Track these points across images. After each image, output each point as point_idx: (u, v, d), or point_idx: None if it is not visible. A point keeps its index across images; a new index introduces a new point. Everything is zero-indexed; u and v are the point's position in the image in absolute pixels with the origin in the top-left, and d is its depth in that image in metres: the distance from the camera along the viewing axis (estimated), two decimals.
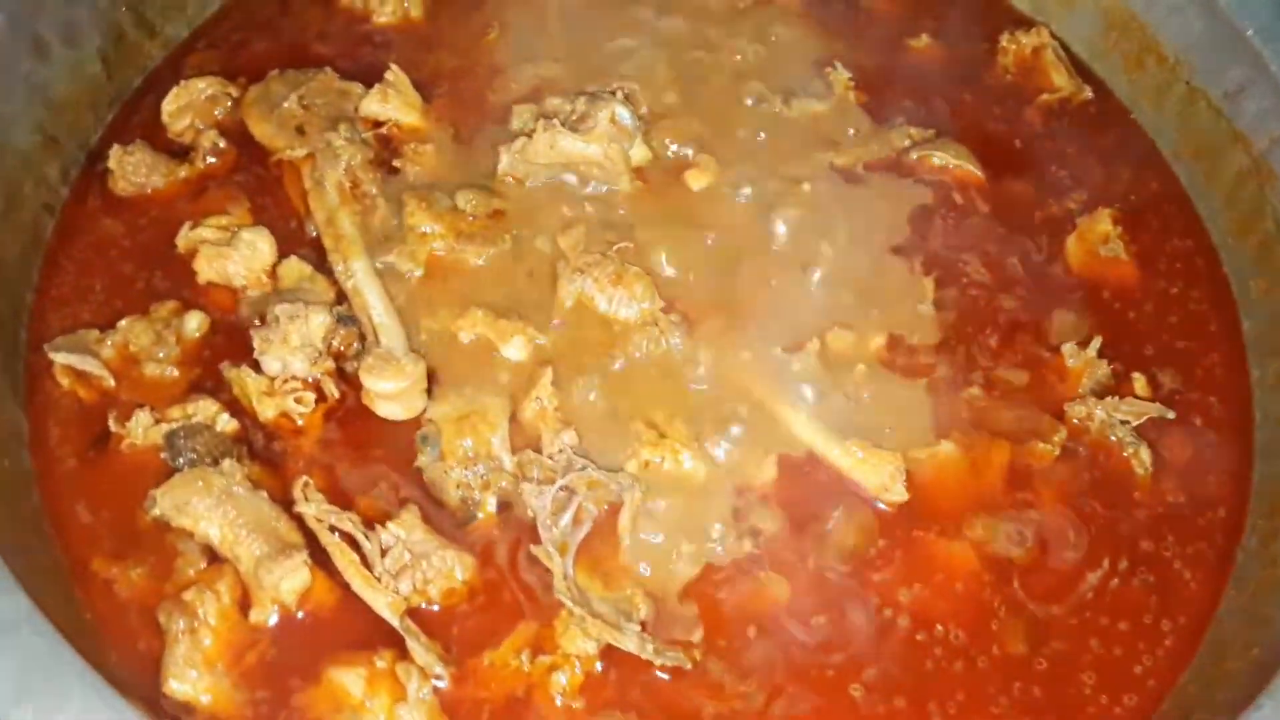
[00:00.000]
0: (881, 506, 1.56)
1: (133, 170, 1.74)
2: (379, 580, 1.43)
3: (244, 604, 1.42)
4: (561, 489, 1.49)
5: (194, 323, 1.62)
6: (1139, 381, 1.69)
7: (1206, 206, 1.87)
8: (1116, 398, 1.64)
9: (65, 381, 1.57)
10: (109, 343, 1.60)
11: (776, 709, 1.40)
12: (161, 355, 1.60)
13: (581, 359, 1.64)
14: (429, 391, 1.59)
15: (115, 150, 1.75)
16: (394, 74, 1.85)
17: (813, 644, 1.45)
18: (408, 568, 1.44)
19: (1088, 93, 2.02)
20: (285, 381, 1.57)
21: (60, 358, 1.55)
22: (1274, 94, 1.72)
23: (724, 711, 1.39)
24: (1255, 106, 1.76)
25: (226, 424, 1.54)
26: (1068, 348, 1.70)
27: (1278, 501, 1.57)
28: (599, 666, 1.41)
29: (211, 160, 1.79)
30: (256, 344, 1.57)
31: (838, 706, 1.41)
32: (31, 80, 1.67)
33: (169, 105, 1.81)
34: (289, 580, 1.41)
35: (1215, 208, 1.86)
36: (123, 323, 1.61)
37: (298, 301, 1.59)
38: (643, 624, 1.44)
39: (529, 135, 1.76)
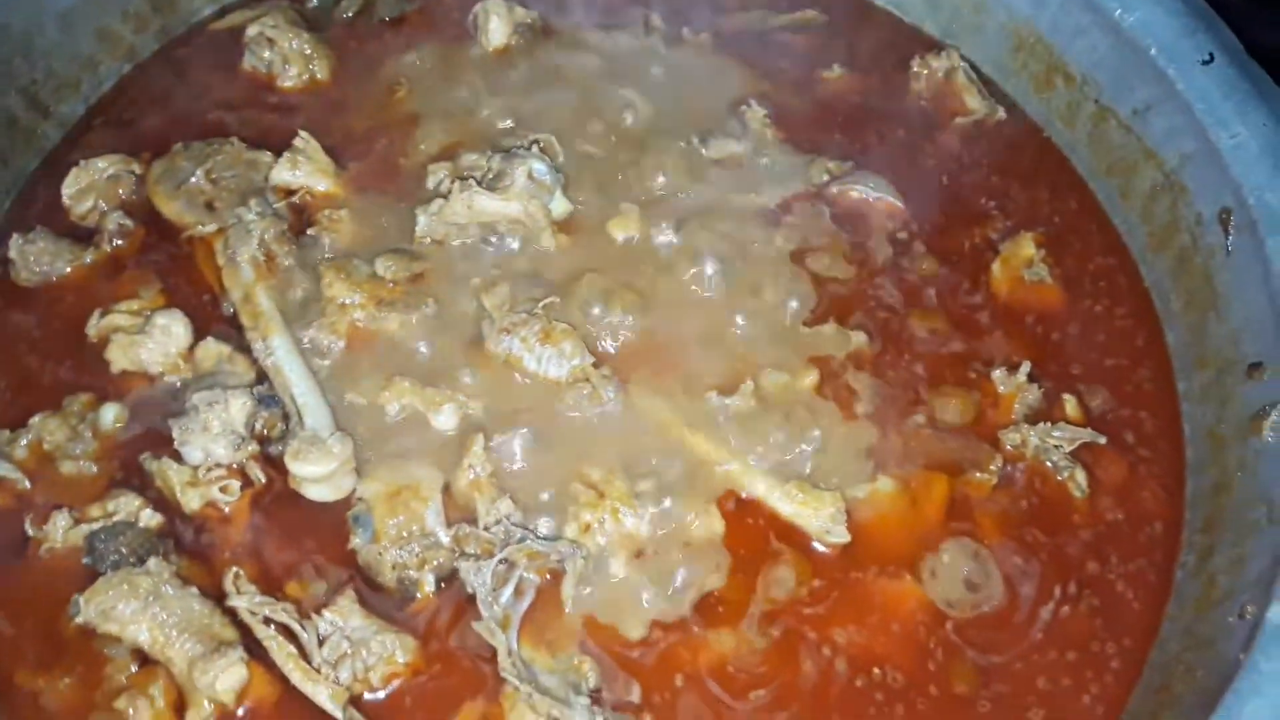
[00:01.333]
0: (823, 549, 1.56)
1: (35, 259, 1.69)
2: (318, 671, 1.40)
3: (180, 707, 1.38)
4: (501, 562, 1.47)
5: (110, 415, 1.57)
6: (1070, 403, 1.70)
7: (1123, 222, 1.89)
8: (1049, 423, 1.65)
9: None
10: (21, 442, 1.54)
11: None
12: (78, 451, 1.55)
13: (514, 422, 1.62)
14: (358, 468, 1.55)
15: (15, 240, 1.69)
16: (303, 140, 1.81)
17: (758, 700, 1.44)
18: (347, 655, 1.41)
19: (1001, 113, 2.03)
20: (209, 470, 1.52)
21: None
22: (1181, 112, 1.73)
23: None
24: (1164, 124, 1.78)
25: (150, 519, 1.50)
26: (998, 374, 1.71)
27: (1212, 516, 1.58)
28: None
29: (119, 242, 1.73)
30: (176, 434, 1.52)
31: None
32: None
33: (69, 188, 1.76)
34: (225, 679, 1.37)
35: (1132, 223, 1.88)
36: (35, 420, 1.56)
37: (215, 387, 1.55)
38: (593, 693, 1.42)
39: (445, 196, 1.74)
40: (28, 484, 1.52)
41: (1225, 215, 1.66)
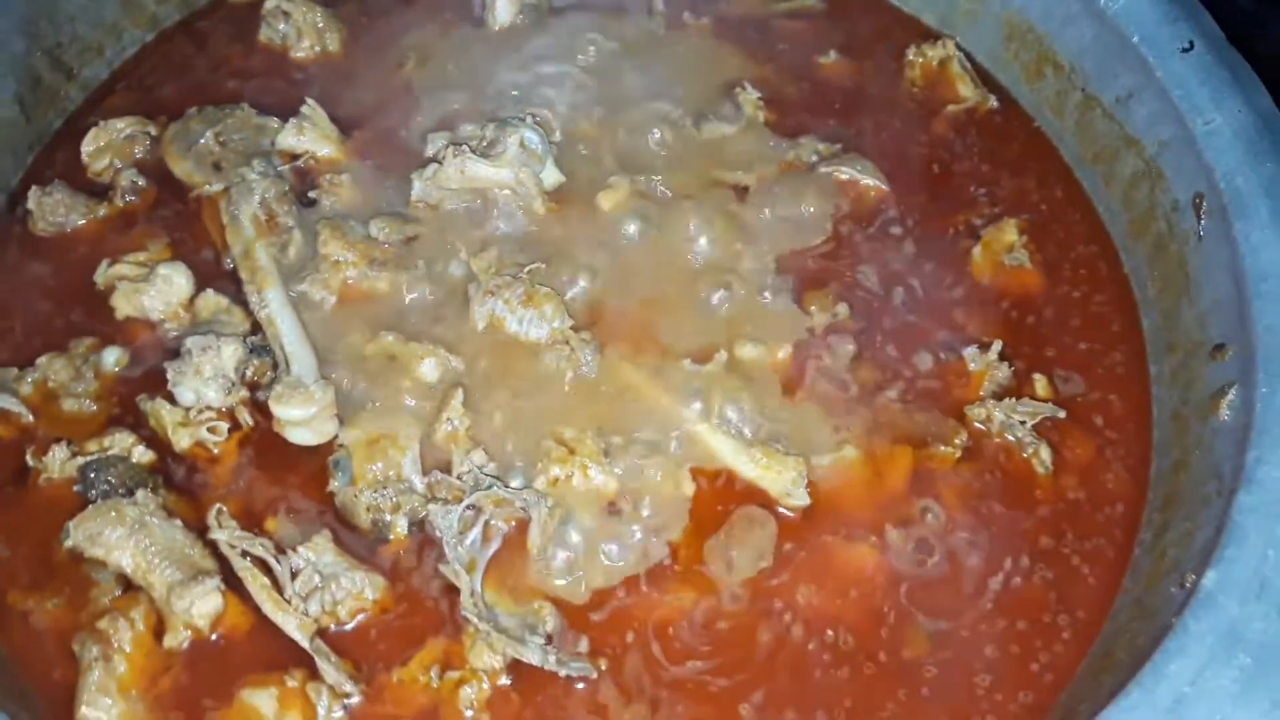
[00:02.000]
0: (786, 512, 1.60)
1: (51, 210, 1.79)
2: (289, 603, 1.47)
3: (158, 630, 1.46)
4: (468, 508, 1.53)
5: (112, 358, 1.66)
6: (1040, 383, 1.73)
7: (1106, 210, 1.92)
8: (1014, 399, 1.68)
9: None
10: (28, 380, 1.64)
11: None
12: (80, 390, 1.64)
13: (493, 380, 1.68)
14: (341, 416, 1.63)
15: (34, 191, 1.80)
16: (310, 108, 1.90)
17: (712, 659, 1.49)
18: (317, 589, 1.48)
19: (993, 102, 2.06)
20: (200, 412, 1.61)
21: None
22: (1160, 99, 1.76)
23: None
24: (1144, 111, 1.81)
25: (143, 455, 1.58)
26: (969, 351, 1.74)
27: (1171, 494, 1.60)
28: (507, 681, 1.45)
29: (131, 198, 1.83)
30: (170, 376, 1.61)
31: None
32: None
33: (88, 145, 1.86)
34: (200, 605, 1.45)
35: (1114, 210, 1.90)
36: (41, 359, 1.65)
37: (209, 333, 1.63)
38: (549, 637, 1.48)
39: (440, 162, 1.81)
40: (30, 418, 1.61)
41: (1198, 200, 1.68)
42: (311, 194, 1.84)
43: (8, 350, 1.69)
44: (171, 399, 1.61)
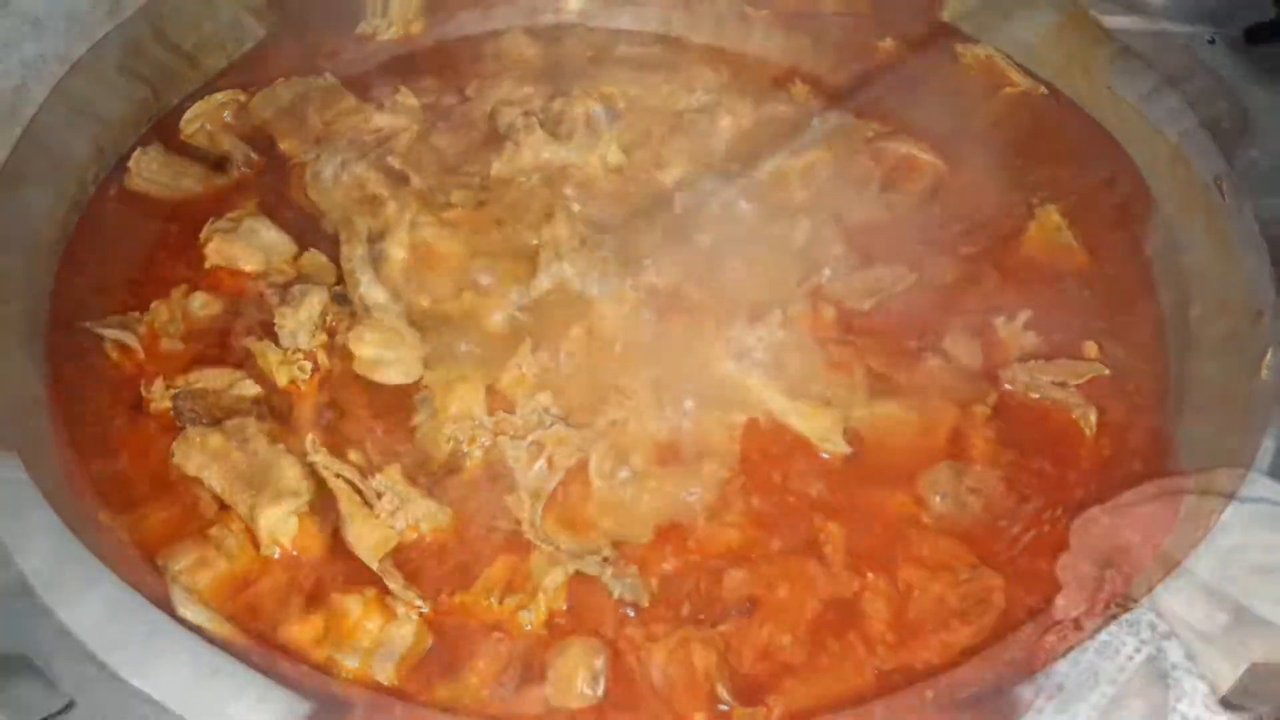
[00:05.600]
0: (826, 457, 1.71)
1: (146, 167, 1.99)
2: (377, 517, 1.60)
3: (255, 541, 1.60)
4: (532, 443, 1.67)
5: (198, 303, 1.83)
6: (1091, 349, 1.84)
7: (1156, 185, 1.99)
8: (1042, 360, 1.79)
9: (114, 355, 1.78)
10: (143, 321, 1.81)
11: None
12: (173, 331, 1.79)
13: (559, 332, 1.82)
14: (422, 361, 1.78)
15: (137, 154, 2.00)
16: (402, 93, 2.09)
17: (753, 599, 1.57)
18: (399, 510, 1.62)
19: (1043, 89, 2.17)
20: (294, 352, 1.77)
21: (108, 333, 1.77)
22: (1186, 88, 1.87)
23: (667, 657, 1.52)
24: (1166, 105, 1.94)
25: (249, 389, 1.72)
26: (999, 320, 1.85)
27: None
28: (563, 606, 1.55)
29: (245, 170, 2.04)
30: (277, 319, 1.77)
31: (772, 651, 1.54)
32: (89, 110, 1.96)
33: (188, 115, 2.09)
34: (281, 526, 1.58)
35: (1161, 191, 1.98)
36: (154, 304, 1.82)
37: (304, 283, 1.81)
38: (604, 559, 1.60)
39: (515, 141, 1.98)
40: (143, 354, 1.78)
41: (1218, 182, 1.79)
42: (398, 165, 2.02)
43: (130, 296, 1.86)
44: (275, 339, 1.78)
